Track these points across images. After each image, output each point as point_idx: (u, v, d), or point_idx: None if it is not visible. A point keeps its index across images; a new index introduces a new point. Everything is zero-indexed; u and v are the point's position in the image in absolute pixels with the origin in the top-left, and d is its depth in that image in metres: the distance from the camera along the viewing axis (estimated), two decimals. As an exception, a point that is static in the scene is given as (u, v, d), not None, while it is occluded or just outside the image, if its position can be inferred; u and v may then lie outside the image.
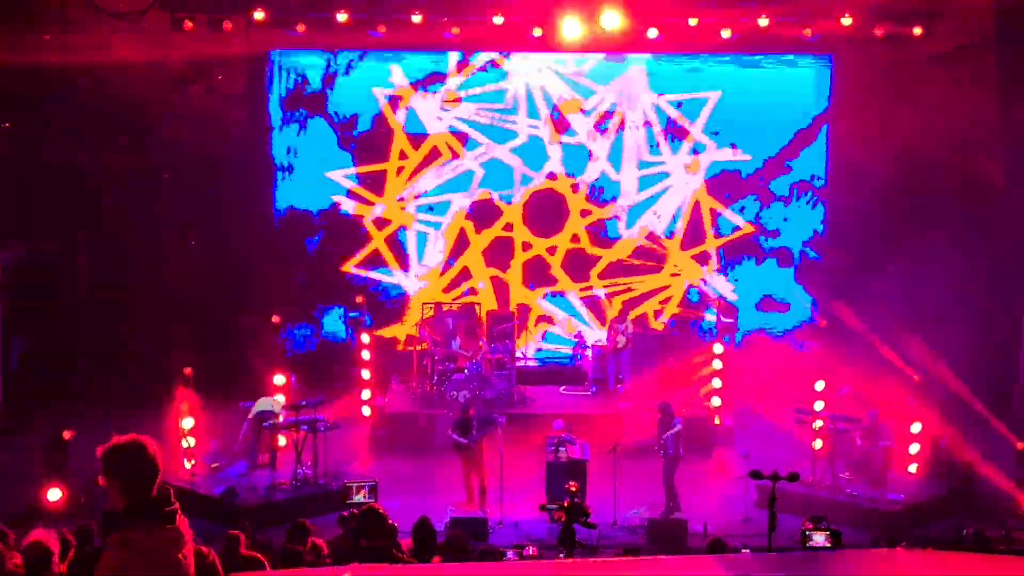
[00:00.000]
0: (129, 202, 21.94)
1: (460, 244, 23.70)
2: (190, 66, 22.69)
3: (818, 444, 17.44)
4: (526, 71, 23.29)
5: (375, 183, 23.54)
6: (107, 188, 22.14)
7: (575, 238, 23.68)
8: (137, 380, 20.24)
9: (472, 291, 23.50)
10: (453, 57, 23.16)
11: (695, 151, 23.52)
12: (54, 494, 15.87)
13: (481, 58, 23.18)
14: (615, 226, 23.72)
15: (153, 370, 19.92)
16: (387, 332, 23.29)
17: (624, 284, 23.69)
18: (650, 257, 23.68)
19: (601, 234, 23.74)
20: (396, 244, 23.73)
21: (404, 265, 23.71)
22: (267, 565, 8.78)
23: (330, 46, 22.75)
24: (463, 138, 23.46)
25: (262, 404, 17.86)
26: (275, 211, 23.58)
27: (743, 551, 11.35)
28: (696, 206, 23.66)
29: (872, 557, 7.33)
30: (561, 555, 9.69)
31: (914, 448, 17.79)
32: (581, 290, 23.77)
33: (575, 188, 23.54)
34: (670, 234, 23.71)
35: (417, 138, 23.41)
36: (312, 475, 17.12)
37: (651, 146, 23.50)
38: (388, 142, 23.44)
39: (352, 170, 23.47)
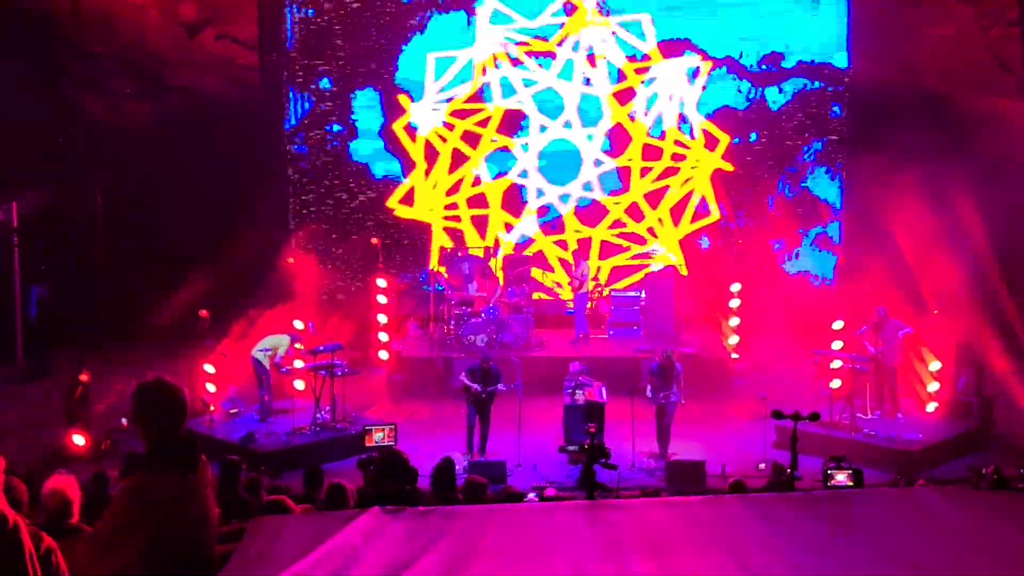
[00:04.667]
0: (144, 148, 21.90)
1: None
2: (201, 12, 22.60)
3: (836, 384, 17.42)
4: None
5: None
6: (121, 134, 22.12)
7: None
8: (155, 326, 20.32)
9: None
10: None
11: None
12: (79, 440, 15.98)
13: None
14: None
15: (171, 316, 19.98)
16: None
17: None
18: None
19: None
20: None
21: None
22: (294, 509, 8.81)
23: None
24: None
25: (264, 342, 17.80)
26: (288, 157, 23.54)
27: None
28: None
29: (894, 496, 7.32)
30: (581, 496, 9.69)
31: (933, 387, 17.77)
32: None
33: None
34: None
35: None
36: (331, 420, 17.20)
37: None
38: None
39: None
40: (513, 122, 23.16)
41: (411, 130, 23.03)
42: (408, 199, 23.25)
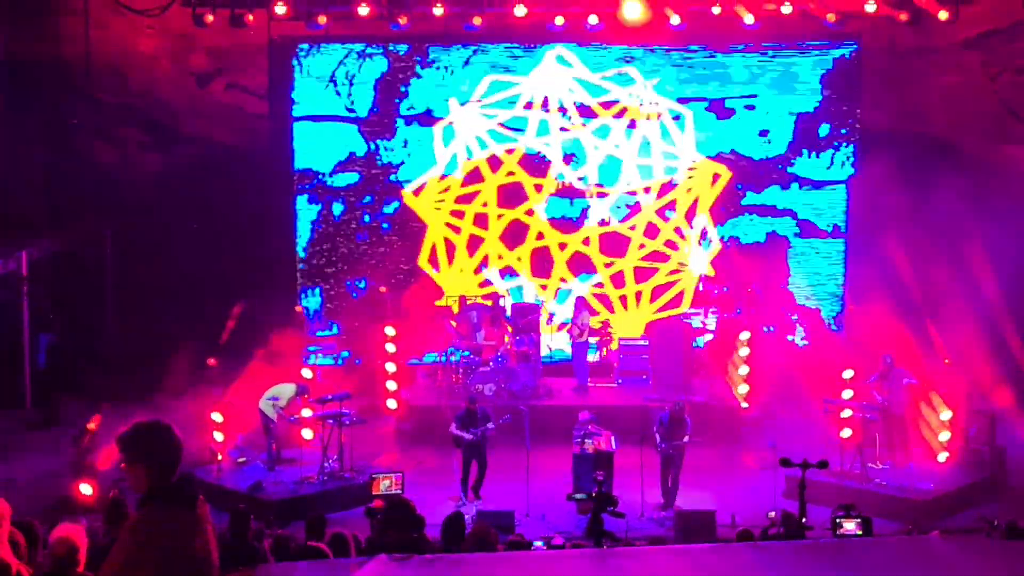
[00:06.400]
0: (154, 196, 22.01)
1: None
2: (212, 62, 22.79)
3: (846, 433, 17.32)
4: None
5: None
6: (131, 183, 22.23)
7: (587, 241, 23.46)
8: (163, 375, 20.30)
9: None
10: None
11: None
12: (86, 489, 15.91)
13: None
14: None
15: (179, 365, 19.97)
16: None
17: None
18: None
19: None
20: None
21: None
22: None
23: (351, 39, 22.77)
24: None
25: (270, 392, 17.78)
26: (295, 203, 23.57)
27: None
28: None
29: (904, 544, 7.25)
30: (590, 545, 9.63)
31: (944, 436, 17.65)
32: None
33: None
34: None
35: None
36: (338, 469, 17.13)
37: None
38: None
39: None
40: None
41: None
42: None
